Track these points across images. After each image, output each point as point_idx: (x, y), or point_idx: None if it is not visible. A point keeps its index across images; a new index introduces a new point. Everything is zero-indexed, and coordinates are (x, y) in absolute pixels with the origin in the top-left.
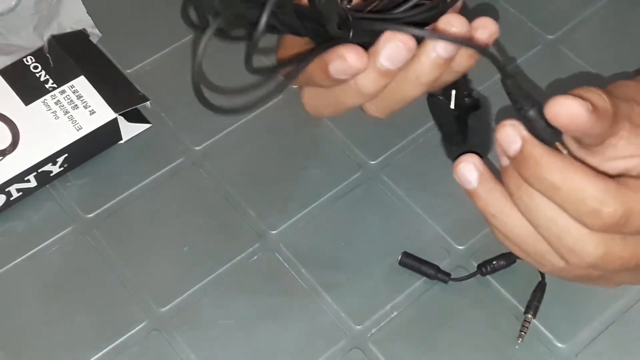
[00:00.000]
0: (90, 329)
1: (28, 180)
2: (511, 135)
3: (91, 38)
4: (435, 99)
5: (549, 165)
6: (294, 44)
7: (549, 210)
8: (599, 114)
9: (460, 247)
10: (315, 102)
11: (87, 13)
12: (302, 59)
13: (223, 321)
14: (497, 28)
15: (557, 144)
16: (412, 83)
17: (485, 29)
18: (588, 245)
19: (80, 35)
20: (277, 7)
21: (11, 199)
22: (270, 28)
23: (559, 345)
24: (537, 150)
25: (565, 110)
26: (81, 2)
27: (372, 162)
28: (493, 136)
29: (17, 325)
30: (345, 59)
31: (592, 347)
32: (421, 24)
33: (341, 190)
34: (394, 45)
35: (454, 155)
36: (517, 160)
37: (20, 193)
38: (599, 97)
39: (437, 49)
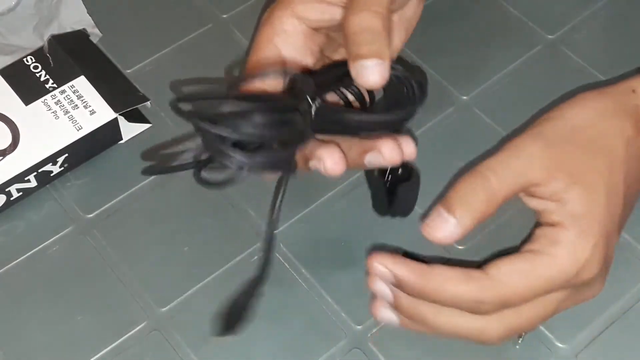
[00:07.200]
0: (90, 329)
1: (28, 180)
2: (383, 276)
3: (91, 38)
4: (371, 174)
5: (425, 289)
6: None
7: (439, 315)
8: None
9: (460, 248)
10: None
11: (88, 13)
12: None
13: None
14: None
15: None
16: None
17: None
18: (488, 329)
19: (81, 35)
20: None
21: (11, 199)
22: None
23: (559, 345)
24: (412, 279)
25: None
26: (81, 2)
27: None
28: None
29: (17, 325)
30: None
31: (592, 347)
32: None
33: (341, 190)
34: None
35: (381, 211)
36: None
37: (21, 193)
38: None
39: (371, 162)
